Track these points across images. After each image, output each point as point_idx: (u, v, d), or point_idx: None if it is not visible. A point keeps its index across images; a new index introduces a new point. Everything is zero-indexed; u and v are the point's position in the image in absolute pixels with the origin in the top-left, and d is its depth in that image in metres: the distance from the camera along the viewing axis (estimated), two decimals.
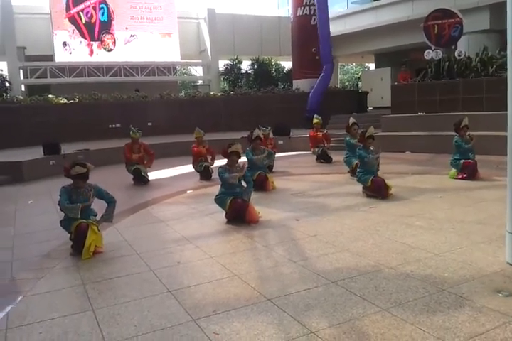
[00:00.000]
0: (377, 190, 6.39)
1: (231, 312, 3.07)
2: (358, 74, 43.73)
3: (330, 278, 3.54)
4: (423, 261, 3.80)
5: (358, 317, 2.88)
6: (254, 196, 6.17)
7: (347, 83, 39.12)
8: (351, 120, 8.53)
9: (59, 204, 4.63)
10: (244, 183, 5.77)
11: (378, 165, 6.80)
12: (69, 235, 4.74)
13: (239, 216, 5.40)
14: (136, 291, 3.53)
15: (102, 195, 4.90)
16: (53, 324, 3.07)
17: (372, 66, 31.04)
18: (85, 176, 4.69)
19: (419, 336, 2.61)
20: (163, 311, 3.15)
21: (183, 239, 4.90)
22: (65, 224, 4.72)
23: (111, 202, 4.95)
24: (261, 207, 5.94)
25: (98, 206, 4.98)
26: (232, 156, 5.64)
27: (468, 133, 7.60)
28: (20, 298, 3.57)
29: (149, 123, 15.64)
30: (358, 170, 6.77)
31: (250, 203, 5.52)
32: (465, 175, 7.44)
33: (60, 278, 3.99)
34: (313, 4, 16.33)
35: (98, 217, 4.86)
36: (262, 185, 7.28)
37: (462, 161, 7.49)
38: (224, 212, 5.59)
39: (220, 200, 5.63)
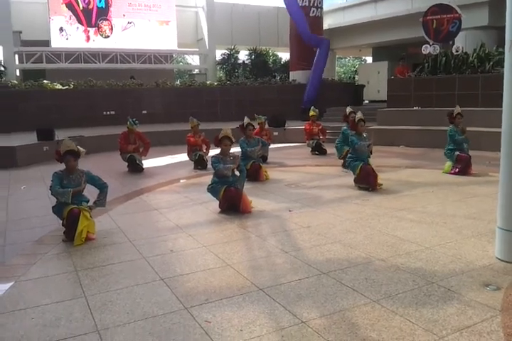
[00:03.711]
0: (366, 178, 6.41)
1: (223, 301, 3.09)
2: (354, 67, 43.65)
3: (321, 269, 3.57)
4: (413, 254, 3.85)
5: (349, 308, 2.92)
6: (248, 186, 6.19)
7: (343, 76, 39.02)
8: (348, 109, 8.56)
9: (50, 189, 4.62)
10: (236, 172, 5.75)
11: (371, 152, 6.81)
12: (61, 221, 4.75)
13: (232, 205, 5.41)
14: (128, 278, 3.55)
15: (94, 180, 4.89)
16: (46, 310, 3.08)
17: (369, 59, 30.96)
18: (76, 154, 4.65)
19: (408, 328, 2.65)
20: (155, 299, 3.17)
21: (176, 228, 4.91)
22: (57, 209, 4.71)
23: (103, 187, 4.94)
24: (254, 197, 5.96)
25: (89, 193, 4.97)
26: (224, 141, 5.54)
27: (461, 126, 7.60)
28: (12, 283, 3.57)
29: (144, 111, 15.60)
30: (348, 155, 6.81)
31: (244, 192, 5.53)
32: (457, 170, 7.47)
33: (53, 264, 3.99)
34: None
35: (90, 203, 4.86)
36: (255, 174, 7.28)
37: (457, 154, 7.49)
38: (217, 202, 5.61)
39: (213, 189, 5.62)
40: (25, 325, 2.89)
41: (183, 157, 9.93)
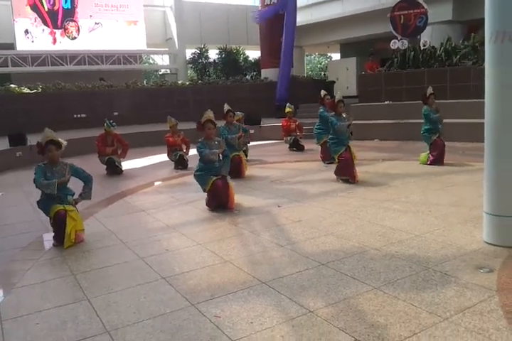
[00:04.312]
0: (345, 169, 6.56)
1: (228, 296, 3.13)
2: (320, 63, 44.19)
3: (319, 261, 3.65)
4: (405, 242, 3.97)
5: (352, 296, 3.01)
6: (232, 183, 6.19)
7: (310, 73, 39.38)
8: (323, 92, 8.66)
9: (34, 182, 4.50)
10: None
11: (351, 133, 6.87)
12: (47, 225, 4.69)
13: (220, 198, 5.41)
14: (128, 279, 3.54)
15: (78, 173, 4.80)
16: (49, 314, 3.04)
17: (335, 56, 31.32)
18: (58, 144, 4.57)
19: (413, 311, 2.75)
20: (159, 297, 3.18)
21: (167, 228, 4.91)
22: (43, 205, 4.63)
23: (88, 180, 4.88)
24: (240, 194, 6.00)
25: (74, 186, 4.89)
26: (208, 125, 5.47)
27: (435, 105, 7.75)
28: (9, 289, 3.52)
29: (115, 113, 15.35)
30: (329, 137, 6.87)
31: (231, 186, 5.53)
32: (432, 159, 7.65)
33: (47, 270, 3.94)
34: None
35: (76, 196, 4.77)
36: (236, 170, 7.15)
37: (434, 138, 7.61)
38: (204, 201, 5.61)
39: (200, 178, 5.53)
40: (30, 331, 2.85)
41: (161, 158, 9.89)
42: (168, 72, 22.15)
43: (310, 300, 2.97)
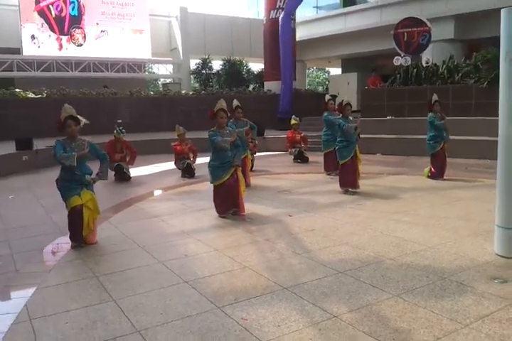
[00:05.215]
0: (346, 176, 6.77)
1: (252, 300, 3.22)
2: (318, 78, 44.78)
3: (337, 269, 3.76)
4: (419, 253, 4.09)
5: (374, 302, 3.11)
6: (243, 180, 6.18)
7: (308, 86, 39.81)
8: (327, 97, 8.82)
9: (55, 156, 4.56)
10: None
11: (359, 135, 6.99)
12: (61, 227, 4.76)
13: (229, 198, 5.53)
14: (152, 282, 3.62)
15: (95, 149, 4.84)
16: (77, 314, 3.11)
17: (336, 71, 31.70)
18: (77, 120, 4.63)
19: (434, 318, 2.86)
20: (185, 300, 3.27)
21: (182, 233, 5.00)
22: (61, 187, 4.64)
23: (104, 158, 4.95)
24: (252, 203, 6.11)
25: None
26: (220, 113, 5.55)
27: (440, 113, 7.82)
28: (33, 290, 3.58)
29: (119, 121, 15.41)
30: (338, 140, 6.97)
31: (241, 180, 5.63)
32: (434, 172, 7.80)
33: (69, 271, 4.01)
34: None
35: (93, 176, 4.79)
36: (242, 171, 6.98)
37: (437, 149, 7.74)
38: (214, 208, 5.70)
39: (214, 170, 5.57)
40: (61, 329, 2.92)
41: (168, 165, 9.99)
42: (169, 81, 22.33)
43: (333, 306, 3.07)
